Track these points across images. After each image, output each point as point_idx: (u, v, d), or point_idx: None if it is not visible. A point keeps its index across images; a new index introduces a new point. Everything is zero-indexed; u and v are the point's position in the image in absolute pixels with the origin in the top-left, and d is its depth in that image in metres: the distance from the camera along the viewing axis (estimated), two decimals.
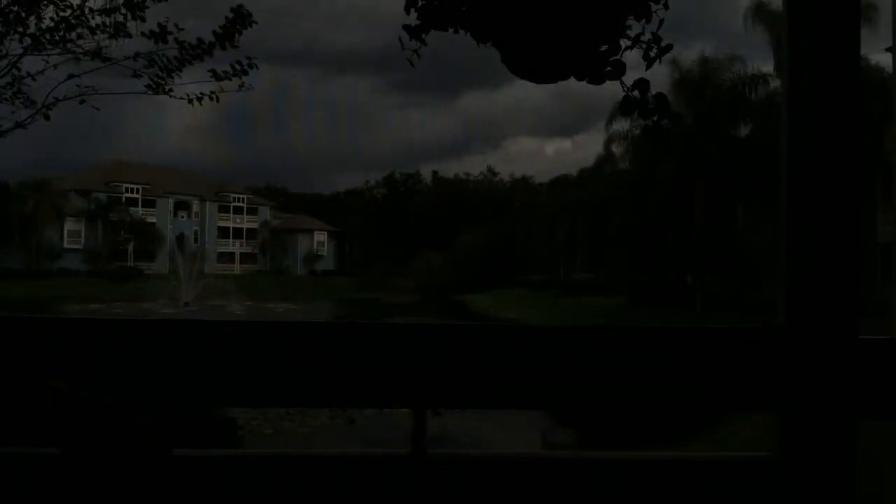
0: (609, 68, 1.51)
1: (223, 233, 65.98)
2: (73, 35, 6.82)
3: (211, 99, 6.86)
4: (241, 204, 67.93)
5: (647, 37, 1.50)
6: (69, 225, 55.27)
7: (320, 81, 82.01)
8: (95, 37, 6.84)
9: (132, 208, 59.41)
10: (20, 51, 6.80)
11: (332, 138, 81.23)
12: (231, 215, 67.13)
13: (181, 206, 64.34)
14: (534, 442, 10.85)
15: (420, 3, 1.53)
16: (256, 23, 6.68)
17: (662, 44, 1.50)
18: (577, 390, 1.91)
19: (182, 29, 6.59)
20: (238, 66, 6.82)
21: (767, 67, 28.25)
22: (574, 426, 12.37)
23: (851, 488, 1.81)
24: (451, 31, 1.53)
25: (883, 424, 1.99)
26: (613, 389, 1.90)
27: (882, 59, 19.67)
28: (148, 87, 6.80)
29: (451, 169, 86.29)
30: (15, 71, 6.78)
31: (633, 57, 1.52)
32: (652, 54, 1.51)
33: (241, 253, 65.98)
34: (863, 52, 1.94)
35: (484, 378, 1.87)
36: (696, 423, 9.99)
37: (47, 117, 6.87)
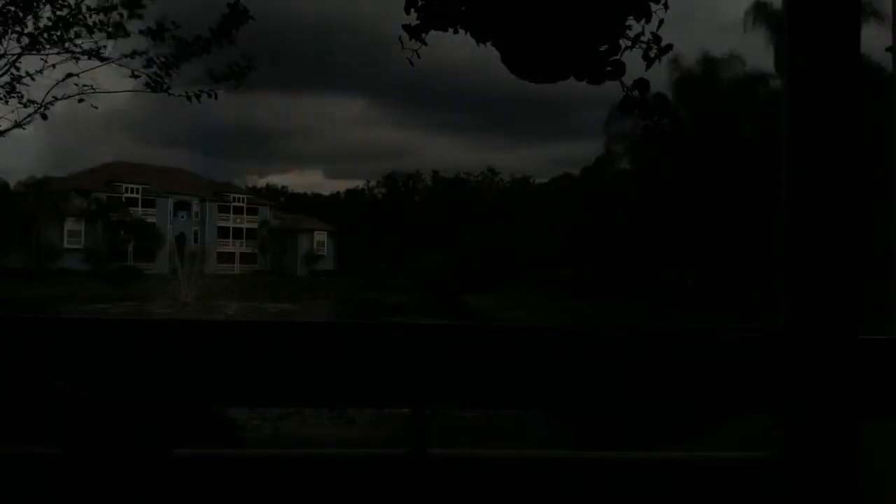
0: (609, 68, 1.51)
1: (223, 233, 65.89)
2: (71, 34, 6.82)
3: (209, 97, 6.87)
4: (241, 204, 67.84)
5: (647, 37, 1.50)
6: (69, 225, 55.21)
7: None
8: (93, 36, 6.86)
9: (132, 208, 59.34)
10: (18, 50, 6.81)
11: None
12: (231, 215, 67.03)
13: (181, 206, 64.29)
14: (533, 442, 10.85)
15: (420, 3, 1.53)
16: (254, 19, 6.66)
17: (662, 44, 1.50)
18: (576, 390, 1.91)
19: (179, 26, 6.60)
20: (236, 67, 6.84)
21: (768, 66, 28.31)
22: (574, 426, 12.36)
23: (852, 488, 1.81)
24: (450, 30, 1.53)
25: (883, 424, 1.99)
26: (613, 389, 1.90)
27: (882, 58, 19.66)
28: (146, 85, 6.81)
29: (451, 169, 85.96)
30: (13, 70, 6.79)
31: (632, 57, 1.52)
32: (652, 54, 1.51)
33: (241, 253, 65.89)
34: (863, 51, 1.93)
35: (484, 378, 1.86)
36: (697, 423, 9.98)
37: (45, 117, 6.89)
